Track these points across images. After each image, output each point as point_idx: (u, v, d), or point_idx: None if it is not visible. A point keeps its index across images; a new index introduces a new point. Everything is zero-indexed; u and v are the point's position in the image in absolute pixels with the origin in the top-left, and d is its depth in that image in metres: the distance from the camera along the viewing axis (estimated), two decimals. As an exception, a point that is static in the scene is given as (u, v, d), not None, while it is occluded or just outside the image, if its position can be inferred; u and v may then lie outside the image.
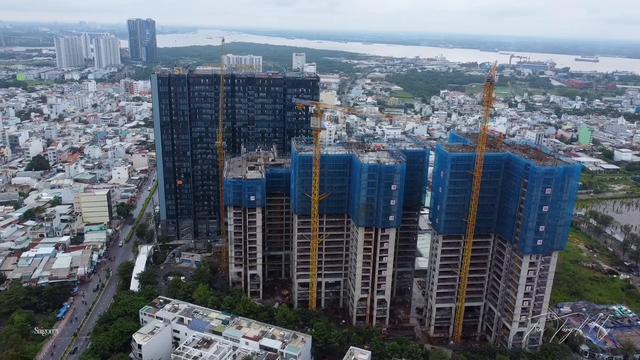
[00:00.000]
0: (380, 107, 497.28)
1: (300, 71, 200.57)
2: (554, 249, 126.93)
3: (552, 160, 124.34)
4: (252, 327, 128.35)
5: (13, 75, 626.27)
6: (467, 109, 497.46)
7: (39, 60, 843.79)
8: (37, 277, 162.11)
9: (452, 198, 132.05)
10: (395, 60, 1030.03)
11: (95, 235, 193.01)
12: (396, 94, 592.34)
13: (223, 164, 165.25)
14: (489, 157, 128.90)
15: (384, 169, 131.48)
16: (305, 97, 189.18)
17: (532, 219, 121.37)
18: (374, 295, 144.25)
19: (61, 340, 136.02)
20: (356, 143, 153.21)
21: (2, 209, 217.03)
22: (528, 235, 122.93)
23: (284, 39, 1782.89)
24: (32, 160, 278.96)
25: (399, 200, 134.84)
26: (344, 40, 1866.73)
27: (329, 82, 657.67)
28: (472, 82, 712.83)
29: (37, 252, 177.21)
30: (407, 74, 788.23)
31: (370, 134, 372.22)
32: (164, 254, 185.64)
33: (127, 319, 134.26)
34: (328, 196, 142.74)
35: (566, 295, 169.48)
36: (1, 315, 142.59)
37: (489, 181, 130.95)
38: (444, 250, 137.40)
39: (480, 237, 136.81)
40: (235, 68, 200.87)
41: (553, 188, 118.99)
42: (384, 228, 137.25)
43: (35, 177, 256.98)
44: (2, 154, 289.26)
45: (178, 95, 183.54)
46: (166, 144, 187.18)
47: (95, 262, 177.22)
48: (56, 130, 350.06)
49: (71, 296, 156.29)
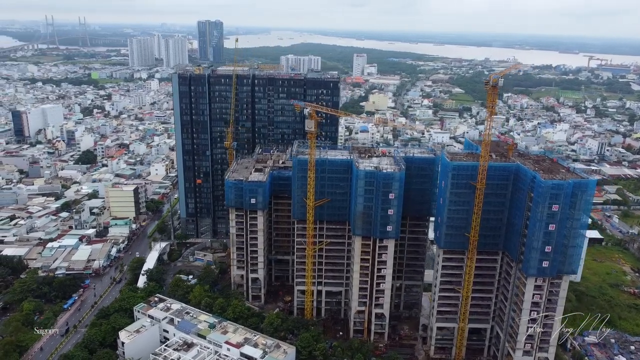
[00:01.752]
0: (435, 110, 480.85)
1: (322, 72, 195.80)
2: (563, 273, 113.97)
3: (564, 174, 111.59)
4: (238, 333, 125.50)
5: (88, 74, 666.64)
6: (528, 114, 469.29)
7: (115, 59, 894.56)
8: (55, 268, 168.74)
9: (453, 210, 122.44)
10: (463, 62, 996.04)
11: (118, 229, 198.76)
12: (456, 97, 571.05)
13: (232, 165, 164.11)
14: (496, 167, 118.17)
15: (381, 176, 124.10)
16: (324, 99, 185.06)
17: (537, 238, 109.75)
18: (372, 309, 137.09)
19: (61, 331, 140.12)
20: (362, 147, 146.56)
21: (44, 199, 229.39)
22: (532, 256, 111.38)
23: (353, 40, 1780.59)
24: (81, 155, 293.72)
25: (397, 210, 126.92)
26: (414, 42, 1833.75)
27: (387, 83, 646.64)
28: (541, 86, 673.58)
29: (62, 243, 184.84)
30: (473, 76, 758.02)
31: (416, 137, 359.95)
32: (180, 251, 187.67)
33: (121, 315, 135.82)
34: (329, 202, 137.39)
35: (597, 323, 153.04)
36: (14, 302, 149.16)
37: (496, 194, 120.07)
38: (444, 266, 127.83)
39: (487, 254, 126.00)
40: (258, 68, 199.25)
41: (561, 205, 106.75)
42: (382, 239, 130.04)
43: (81, 170, 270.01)
44: (57, 147, 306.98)
45: (198, 94, 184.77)
46: (186, 143, 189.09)
47: (113, 256, 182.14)
48: (111, 127, 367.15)
49: (82, 288, 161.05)
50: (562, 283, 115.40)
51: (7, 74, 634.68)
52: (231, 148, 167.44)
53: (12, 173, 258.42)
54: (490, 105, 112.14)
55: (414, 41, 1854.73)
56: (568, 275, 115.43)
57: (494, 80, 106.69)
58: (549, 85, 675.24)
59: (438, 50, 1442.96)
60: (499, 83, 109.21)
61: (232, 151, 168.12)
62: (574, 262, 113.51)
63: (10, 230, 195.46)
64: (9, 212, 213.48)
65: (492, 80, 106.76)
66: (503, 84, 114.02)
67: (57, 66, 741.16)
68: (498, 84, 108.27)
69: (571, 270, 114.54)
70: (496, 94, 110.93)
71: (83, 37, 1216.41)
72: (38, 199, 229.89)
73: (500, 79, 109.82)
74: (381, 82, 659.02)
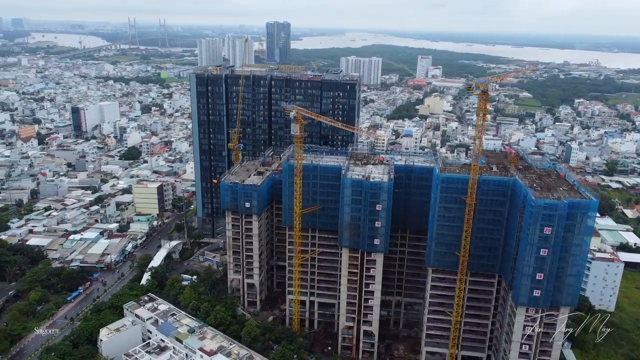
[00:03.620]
0: (494, 115, 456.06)
1: (340, 73, 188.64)
2: (560, 304, 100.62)
3: (564, 192, 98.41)
4: (215, 340, 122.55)
5: (158, 73, 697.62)
6: (597, 121, 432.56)
7: (187, 60, 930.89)
8: (71, 260, 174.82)
9: (443, 226, 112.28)
10: (539, 65, 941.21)
11: (139, 225, 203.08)
12: (522, 102, 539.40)
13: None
14: (489, 181, 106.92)
15: (368, 185, 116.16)
16: (341, 102, 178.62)
17: (527, 263, 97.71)
18: (360, 325, 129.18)
19: (58, 322, 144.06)
20: (361, 154, 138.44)
21: (81, 192, 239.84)
22: (523, 283, 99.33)
23: (427, 41, 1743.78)
24: (127, 151, 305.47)
25: (386, 222, 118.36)
26: (491, 43, 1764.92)
27: (450, 86, 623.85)
28: (622, 92, 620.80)
29: (83, 235, 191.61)
30: (546, 80, 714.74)
31: (465, 143, 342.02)
32: (192, 251, 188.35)
33: (112, 312, 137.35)
34: (320, 210, 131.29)
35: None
36: (24, 291, 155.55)
37: (491, 210, 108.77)
38: (434, 286, 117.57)
39: (482, 276, 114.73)
40: (278, 69, 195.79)
41: (556, 227, 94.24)
42: (370, 252, 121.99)
43: (122, 166, 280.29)
44: (106, 143, 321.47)
45: (215, 95, 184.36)
46: (203, 142, 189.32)
47: (128, 252, 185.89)
48: (163, 125, 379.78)
49: (89, 281, 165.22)
50: (560, 316, 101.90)
51: (86, 72, 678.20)
52: (237, 149, 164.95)
53: (60, 166, 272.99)
54: (482, 112, 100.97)
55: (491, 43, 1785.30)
56: (567, 308, 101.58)
57: (480, 85, 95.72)
58: (629, 91, 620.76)
59: (515, 52, 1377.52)
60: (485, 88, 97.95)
61: (237, 152, 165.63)
62: (572, 293, 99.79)
63: (41, 220, 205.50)
64: (47, 203, 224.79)
65: (478, 85, 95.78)
66: (577, 89, 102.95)
67: (132, 65, 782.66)
68: (487, 88, 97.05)
69: (570, 302, 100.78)
70: (487, 100, 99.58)
71: (162, 38, 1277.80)
72: (77, 191, 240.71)
73: (495, 84, 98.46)
74: (444, 84, 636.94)
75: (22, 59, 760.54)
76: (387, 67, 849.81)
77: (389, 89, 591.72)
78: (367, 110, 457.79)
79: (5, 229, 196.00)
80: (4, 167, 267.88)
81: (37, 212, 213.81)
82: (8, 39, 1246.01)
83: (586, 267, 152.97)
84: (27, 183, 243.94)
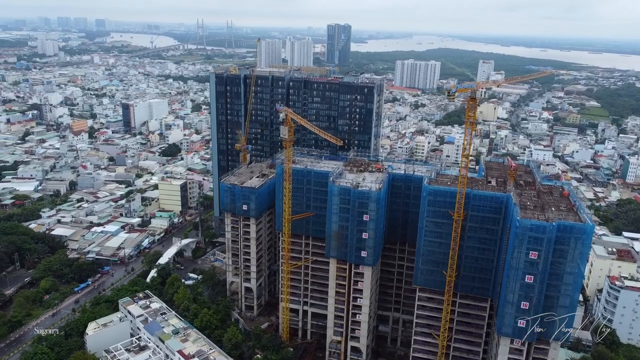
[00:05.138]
0: (553, 124, 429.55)
1: (358, 76, 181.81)
2: (549, 338, 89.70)
3: (559, 213, 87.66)
4: (197, 344, 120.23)
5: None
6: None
7: (250, 60, 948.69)
8: (87, 251, 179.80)
9: (431, 242, 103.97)
10: (614, 73, 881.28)
11: (159, 221, 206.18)
12: (587, 111, 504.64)
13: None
14: (480, 196, 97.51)
15: (356, 194, 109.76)
16: (358, 105, 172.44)
17: (511, 290, 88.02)
18: (348, 341, 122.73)
19: (62, 312, 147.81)
20: (360, 160, 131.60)
21: (115, 186, 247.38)
22: (507, 311, 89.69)
23: (498, 46, 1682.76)
24: (167, 147, 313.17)
25: (374, 234, 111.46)
26: (567, 49, 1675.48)
27: (511, 92, 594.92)
28: None
29: (105, 228, 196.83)
30: (618, 89, 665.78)
31: (513, 153, 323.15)
32: (206, 250, 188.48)
33: (108, 306, 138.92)
34: (314, 217, 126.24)
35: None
36: (37, 279, 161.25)
37: (483, 228, 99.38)
38: (421, 306, 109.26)
39: (473, 299, 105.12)
40: (299, 70, 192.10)
41: (543, 252, 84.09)
42: (358, 264, 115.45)
43: (160, 162, 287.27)
44: (149, 139, 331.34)
45: (233, 95, 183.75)
46: (221, 142, 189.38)
47: (144, 247, 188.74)
48: (208, 123, 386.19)
49: (99, 274, 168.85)
50: (551, 351, 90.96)
51: (150, 70, 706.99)
52: (244, 150, 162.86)
53: (102, 159, 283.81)
54: (469, 120, 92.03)
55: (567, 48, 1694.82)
56: (558, 342, 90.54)
57: (462, 91, 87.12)
58: None
59: (591, 58, 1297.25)
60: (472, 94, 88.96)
61: (245, 153, 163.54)
62: (566, 326, 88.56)
63: (71, 211, 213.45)
64: (81, 195, 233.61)
65: (460, 91, 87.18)
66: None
67: (194, 65, 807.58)
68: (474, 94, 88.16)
69: (561, 336, 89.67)
70: (475, 107, 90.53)
71: (228, 39, 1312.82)
72: (111, 185, 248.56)
73: (483, 89, 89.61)
74: (504, 90, 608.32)
75: (94, 57, 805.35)
76: (449, 71, 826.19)
77: (444, 93, 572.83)
78: (416, 115, 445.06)
79: (37, 217, 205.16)
80: (52, 158, 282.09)
81: (69, 203, 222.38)
82: (89, 38, 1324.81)
83: (614, 297, 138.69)
84: (67, 175, 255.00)
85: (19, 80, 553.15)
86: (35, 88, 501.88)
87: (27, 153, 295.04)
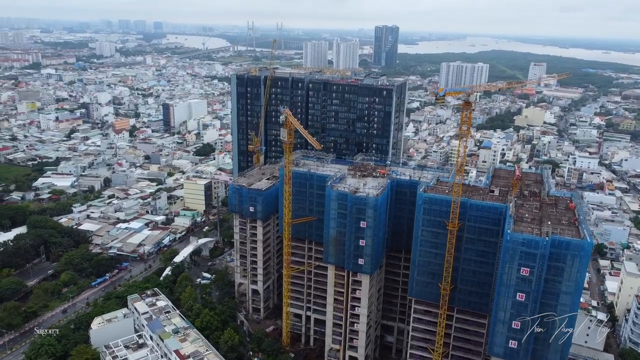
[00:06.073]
0: (604, 130, 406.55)
1: (378, 78, 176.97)
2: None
3: (558, 228, 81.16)
4: (194, 344, 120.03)
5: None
6: None
7: (297, 62, 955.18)
8: (110, 247, 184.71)
9: (426, 253, 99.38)
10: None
11: (182, 220, 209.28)
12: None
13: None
14: (478, 206, 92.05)
15: (353, 200, 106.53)
16: (376, 107, 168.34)
17: (502, 308, 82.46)
18: (346, 350, 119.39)
19: (75, 305, 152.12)
20: (365, 165, 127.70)
21: (146, 184, 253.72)
22: (497, 330, 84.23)
23: (556, 48, 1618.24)
24: (201, 147, 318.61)
25: (372, 241, 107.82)
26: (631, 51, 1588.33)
27: (562, 96, 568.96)
28: None
29: (129, 225, 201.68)
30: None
31: (556, 160, 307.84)
32: (224, 249, 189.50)
33: (118, 302, 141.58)
34: (317, 222, 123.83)
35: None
36: (59, 272, 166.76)
37: (480, 240, 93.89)
38: (416, 319, 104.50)
39: (471, 315, 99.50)
40: (320, 71, 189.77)
41: (537, 269, 78.03)
42: (356, 272, 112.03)
43: (193, 161, 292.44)
44: (186, 138, 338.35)
45: (253, 96, 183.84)
46: (241, 143, 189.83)
47: (164, 244, 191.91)
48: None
49: (117, 269, 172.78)
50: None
51: (197, 71, 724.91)
52: (258, 152, 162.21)
53: (138, 157, 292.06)
54: (463, 124, 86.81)
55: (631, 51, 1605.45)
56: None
57: (452, 94, 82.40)
58: None
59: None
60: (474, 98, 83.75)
61: (259, 155, 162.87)
62: (562, 349, 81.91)
63: (101, 207, 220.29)
64: (113, 191, 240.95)
65: (450, 94, 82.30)
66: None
67: (241, 66, 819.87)
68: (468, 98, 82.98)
69: None
70: (470, 110, 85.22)
71: (278, 41, 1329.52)
72: (143, 182, 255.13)
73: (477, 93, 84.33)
74: (555, 94, 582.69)
75: (147, 58, 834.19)
76: (499, 74, 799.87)
77: (490, 96, 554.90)
78: (456, 119, 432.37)
79: (69, 212, 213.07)
80: (91, 155, 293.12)
81: (100, 199, 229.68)
82: (146, 40, 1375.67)
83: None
84: (103, 171, 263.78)
85: (74, 80, 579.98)
86: (88, 87, 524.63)
87: (70, 150, 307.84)
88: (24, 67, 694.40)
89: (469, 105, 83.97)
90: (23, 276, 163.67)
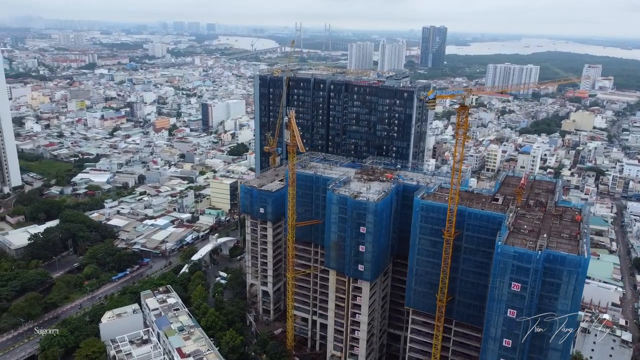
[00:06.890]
0: None
1: (402, 80, 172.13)
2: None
3: (556, 242, 75.71)
4: (197, 343, 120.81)
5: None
6: None
7: (342, 63, 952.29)
8: (134, 242, 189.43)
9: (424, 262, 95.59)
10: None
11: (206, 218, 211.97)
12: None
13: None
14: (476, 215, 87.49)
15: (353, 204, 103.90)
16: (397, 110, 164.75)
17: (493, 324, 77.85)
18: (347, 358, 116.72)
19: (94, 298, 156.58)
20: (373, 168, 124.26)
21: (178, 182, 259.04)
22: (489, 347, 79.58)
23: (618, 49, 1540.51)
24: (235, 146, 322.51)
25: (373, 247, 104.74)
26: None
27: (617, 100, 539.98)
28: None
29: (155, 221, 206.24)
30: None
31: (602, 167, 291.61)
32: (243, 249, 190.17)
33: (131, 297, 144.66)
34: (322, 225, 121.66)
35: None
36: (84, 265, 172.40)
37: (480, 251, 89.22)
38: (414, 329, 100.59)
39: (469, 328, 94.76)
40: (343, 73, 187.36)
41: (529, 284, 73.13)
42: (356, 279, 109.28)
43: (225, 160, 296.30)
44: (221, 138, 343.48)
45: (275, 96, 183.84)
46: (263, 144, 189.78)
47: (186, 242, 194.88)
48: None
49: (138, 265, 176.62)
50: (541, 399, 78.89)
51: (242, 72, 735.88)
52: (274, 153, 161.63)
53: (173, 156, 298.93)
54: (458, 130, 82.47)
55: None
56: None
57: (442, 97, 78.17)
58: None
59: None
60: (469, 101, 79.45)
61: (275, 156, 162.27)
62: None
63: (131, 203, 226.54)
64: (145, 188, 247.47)
65: (439, 97, 78.22)
66: None
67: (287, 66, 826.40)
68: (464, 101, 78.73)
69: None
70: (466, 114, 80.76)
71: (326, 42, 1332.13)
72: (175, 180, 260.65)
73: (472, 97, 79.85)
74: (610, 97, 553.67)
75: (195, 59, 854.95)
76: (552, 76, 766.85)
77: (539, 99, 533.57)
78: (499, 122, 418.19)
79: (101, 207, 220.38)
80: (130, 152, 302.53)
81: (132, 195, 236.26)
82: (198, 41, 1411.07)
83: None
84: (137, 169, 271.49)
85: (124, 80, 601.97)
86: (136, 87, 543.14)
87: (111, 147, 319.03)
88: (80, 67, 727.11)
89: (465, 109, 79.53)
90: (50, 268, 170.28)
